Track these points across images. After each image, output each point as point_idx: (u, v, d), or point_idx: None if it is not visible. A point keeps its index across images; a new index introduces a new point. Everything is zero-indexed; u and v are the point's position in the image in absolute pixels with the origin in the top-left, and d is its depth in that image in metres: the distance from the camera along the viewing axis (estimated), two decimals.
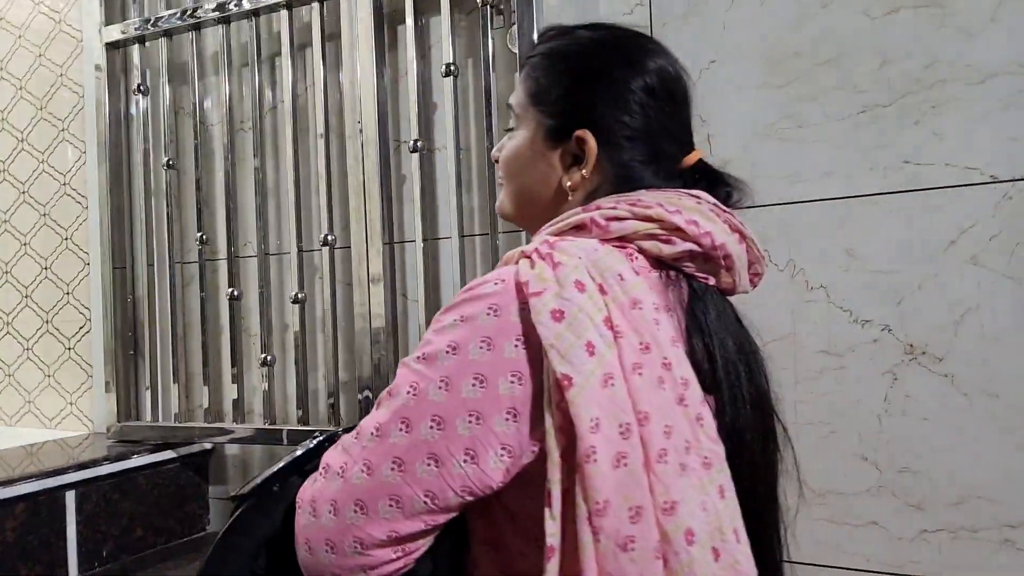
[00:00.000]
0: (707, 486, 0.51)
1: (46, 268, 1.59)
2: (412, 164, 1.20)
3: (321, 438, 0.63)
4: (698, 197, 0.59)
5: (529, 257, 0.54)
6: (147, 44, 1.44)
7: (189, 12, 1.36)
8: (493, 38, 1.16)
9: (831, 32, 0.97)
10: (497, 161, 0.67)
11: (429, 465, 0.50)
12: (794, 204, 1.00)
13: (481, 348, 0.52)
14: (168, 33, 1.40)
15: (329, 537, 0.52)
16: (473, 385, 0.51)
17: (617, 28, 0.65)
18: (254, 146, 1.34)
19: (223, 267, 1.39)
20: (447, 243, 1.22)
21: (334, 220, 1.28)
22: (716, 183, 0.63)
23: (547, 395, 0.50)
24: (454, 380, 0.51)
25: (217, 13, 1.33)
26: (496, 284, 0.54)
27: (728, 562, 0.50)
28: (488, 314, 0.52)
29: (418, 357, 0.54)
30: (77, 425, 1.54)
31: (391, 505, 0.51)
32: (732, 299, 0.64)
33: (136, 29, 1.41)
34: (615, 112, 0.60)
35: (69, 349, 1.55)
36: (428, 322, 1.19)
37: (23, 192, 1.63)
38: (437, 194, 1.25)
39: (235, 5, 1.32)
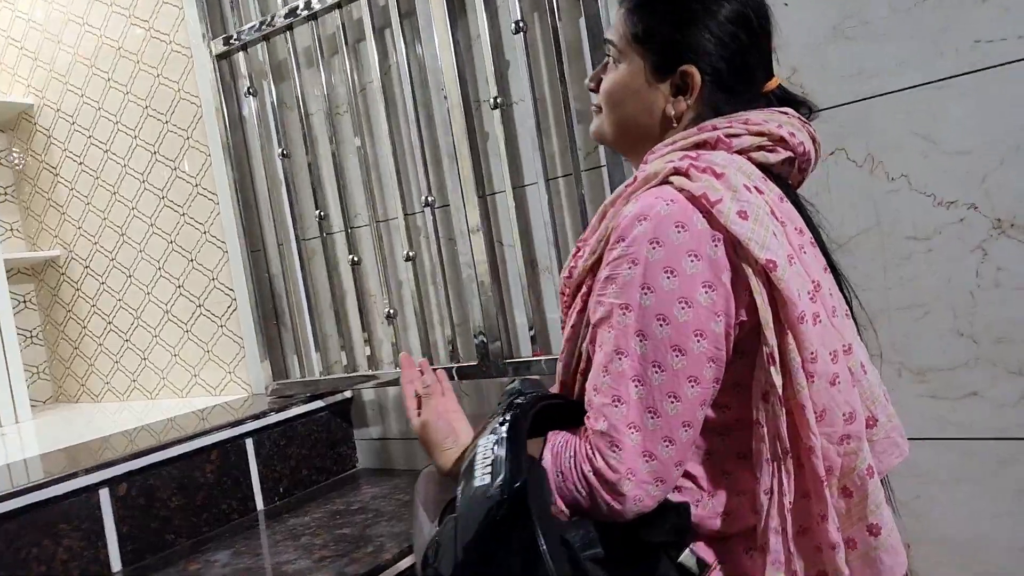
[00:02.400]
0: (854, 331, 0.71)
1: (192, 260, 1.88)
2: (494, 120, 1.35)
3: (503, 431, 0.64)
4: (787, 113, 0.74)
5: (684, 173, 0.65)
6: (249, 50, 1.66)
7: (283, 15, 1.56)
8: None
9: None
10: (593, 90, 0.78)
11: (692, 386, 0.62)
12: (867, 100, 1.06)
13: (691, 260, 0.62)
14: (267, 37, 1.61)
15: (659, 476, 0.62)
16: (706, 291, 0.62)
17: None
18: (353, 127, 1.53)
19: (341, 239, 1.61)
20: (533, 189, 1.37)
21: (431, 183, 1.46)
22: (794, 104, 0.77)
23: (753, 278, 0.62)
24: (688, 295, 0.61)
25: (306, 11, 1.52)
26: (668, 204, 0.63)
27: (878, 379, 0.72)
28: (678, 231, 0.62)
29: (636, 289, 0.62)
30: (238, 390, 1.84)
31: (685, 428, 0.63)
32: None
33: (238, 38, 1.63)
34: (714, 47, 0.70)
35: (221, 327, 1.85)
36: (526, 264, 1.36)
37: (163, 198, 1.92)
38: (519, 145, 1.39)
39: (320, 1, 1.50)
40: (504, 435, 0.62)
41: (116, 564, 1.23)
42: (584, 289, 0.71)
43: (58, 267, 2.24)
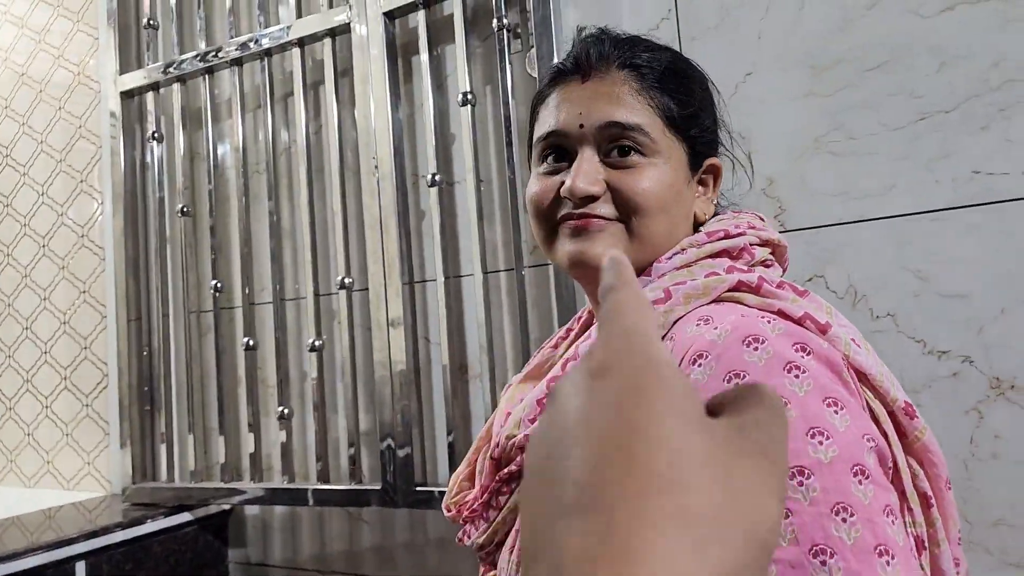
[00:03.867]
0: None
1: (65, 323, 1.62)
2: (431, 199, 1.19)
3: None
4: (762, 218, 0.60)
5: (756, 290, 0.48)
6: (161, 91, 1.48)
7: (202, 56, 1.40)
8: (511, 63, 1.15)
9: (880, 35, 0.92)
10: (594, 197, 0.53)
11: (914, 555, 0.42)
12: (852, 224, 0.94)
13: (843, 389, 0.43)
14: (182, 79, 1.44)
15: None
16: (871, 447, 0.42)
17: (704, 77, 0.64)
18: (268, 188, 1.35)
19: (239, 315, 1.39)
20: (469, 280, 1.20)
21: (351, 262, 1.28)
22: None
23: (888, 425, 0.45)
24: (870, 430, 0.42)
25: (230, 55, 1.37)
26: (772, 322, 0.45)
27: None
28: (805, 355, 0.43)
29: (802, 435, 0.40)
30: (95, 486, 1.54)
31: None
32: None
33: (149, 76, 1.46)
34: (718, 136, 0.61)
35: (87, 406, 1.57)
36: (454, 368, 1.17)
37: (43, 246, 1.68)
38: (458, 229, 1.23)
39: (250, 44, 1.35)
40: None
41: None
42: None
43: None
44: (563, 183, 0.53)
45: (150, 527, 1.28)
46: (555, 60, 1.09)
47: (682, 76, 0.57)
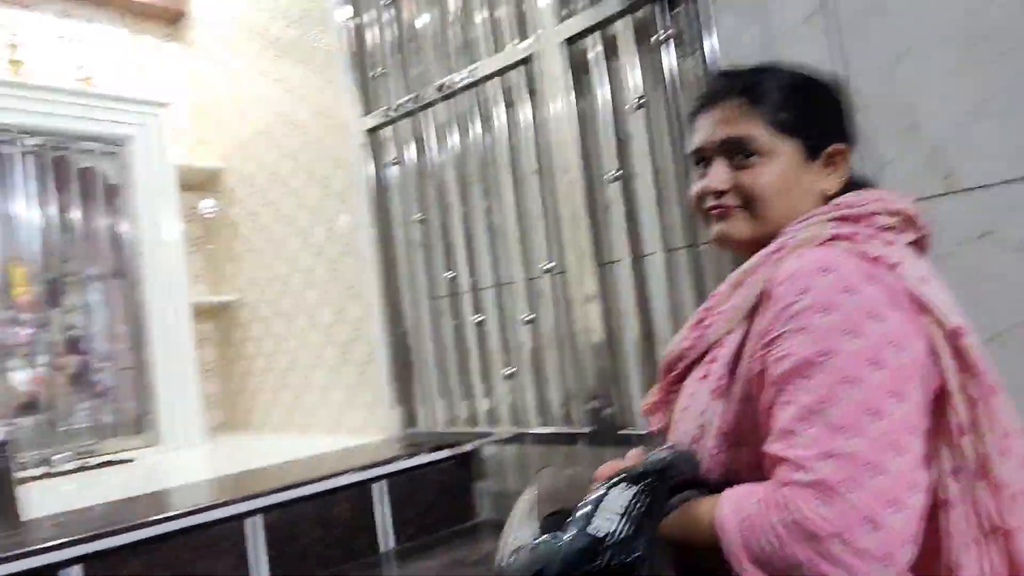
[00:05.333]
0: None
1: (339, 311, 2.17)
2: (614, 192, 1.44)
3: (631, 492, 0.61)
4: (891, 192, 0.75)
5: (849, 238, 0.65)
6: (396, 125, 1.91)
7: (428, 93, 1.78)
8: (675, 67, 1.35)
9: None
10: (722, 192, 0.74)
11: (913, 436, 0.58)
12: (1018, 181, 1.01)
13: (892, 310, 0.60)
14: (411, 113, 1.86)
15: (909, 535, 0.55)
16: (913, 340, 0.60)
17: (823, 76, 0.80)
18: (482, 194, 1.71)
19: (467, 299, 1.79)
20: (652, 259, 1.43)
21: (552, 250, 1.58)
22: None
23: (941, 342, 0.60)
24: (899, 340, 0.59)
25: (446, 90, 1.74)
26: (848, 258, 0.62)
27: None
28: (870, 283, 0.61)
29: (838, 335, 0.59)
30: (375, 432, 2.06)
31: (912, 491, 0.57)
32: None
33: (386, 115, 1.89)
34: (845, 124, 0.76)
35: (362, 374, 2.10)
36: (642, 334, 1.42)
37: (319, 254, 2.24)
38: (639, 216, 1.47)
39: (459, 80, 1.71)
40: (646, 495, 0.61)
41: None
42: (711, 358, 0.71)
43: (233, 310, 2.67)
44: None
45: (419, 460, 1.73)
46: (714, 61, 1.27)
47: (789, 89, 0.75)
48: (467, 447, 1.79)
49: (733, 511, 0.60)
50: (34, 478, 1.96)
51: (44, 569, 1.20)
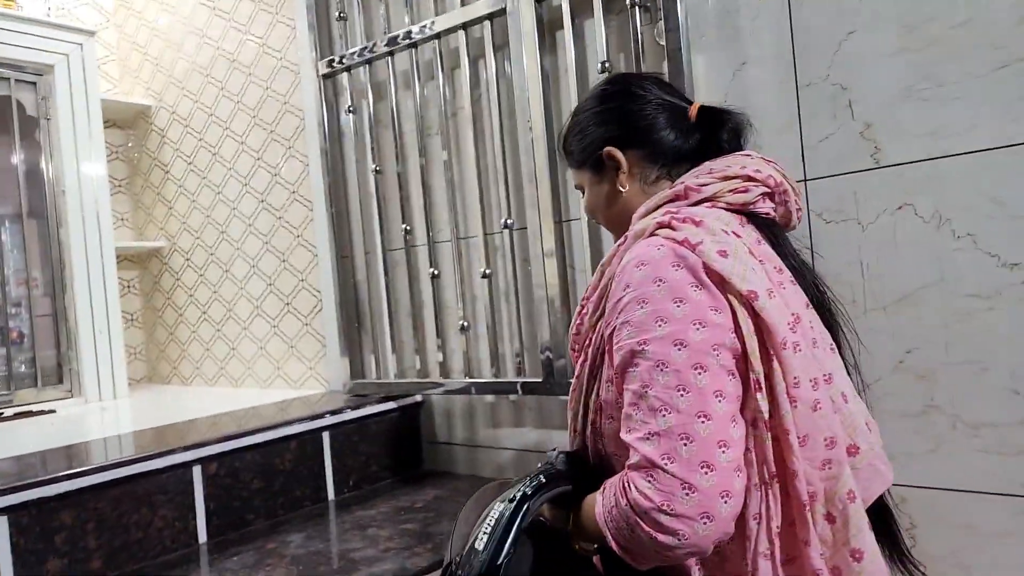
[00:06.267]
0: (837, 363, 0.82)
1: (284, 261, 2.15)
2: None
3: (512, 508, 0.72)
4: (750, 155, 0.88)
5: (668, 226, 0.77)
6: (352, 72, 1.90)
7: (385, 42, 1.79)
8: (642, 34, 1.43)
9: None
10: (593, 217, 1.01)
11: (719, 400, 0.67)
12: (938, 159, 1.16)
13: (694, 289, 0.71)
14: (369, 61, 1.85)
15: (704, 509, 0.63)
16: (714, 312, 0.70)
17: (597, 89, 0.97)
18: (442, 147, 1.74)
19: (423, 252, 1.82)
20: None
21: (511, 206, 1.64)
22: (720, 118, 0.90)
23: (738, 308, 0.70)
24: (700, 317, 0.70)
25: (407, 40, 1.75)
26: (660, 248, 0.74)
27: (862, 410, 0.81)
28: (675, 268, 0.72)
29: (651, 324, 0.70)
30: (316, 386, 2.08)
31: (722, 449, 0.65)
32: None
33: (342, 61, 1.88)
34: (615, 128, 0.91)
35: (306, 325, 2.10)
36: None
37: (262, 201, 2.20)
38: None
39: (423, 30, 1.72)
40: (510, 510, 0.72)
41: (203, 536, 1.45)
42: (590, 343, 0.82)
43: (161, 257, 2.58)
44: None
45: (368, 410, 1.77)
46: (680, 30, 1.36)
47: (575, 133, 0.96)
48: (417, 397, 1.85)
49: (602, 504, 0.70)
50: None
51: None
